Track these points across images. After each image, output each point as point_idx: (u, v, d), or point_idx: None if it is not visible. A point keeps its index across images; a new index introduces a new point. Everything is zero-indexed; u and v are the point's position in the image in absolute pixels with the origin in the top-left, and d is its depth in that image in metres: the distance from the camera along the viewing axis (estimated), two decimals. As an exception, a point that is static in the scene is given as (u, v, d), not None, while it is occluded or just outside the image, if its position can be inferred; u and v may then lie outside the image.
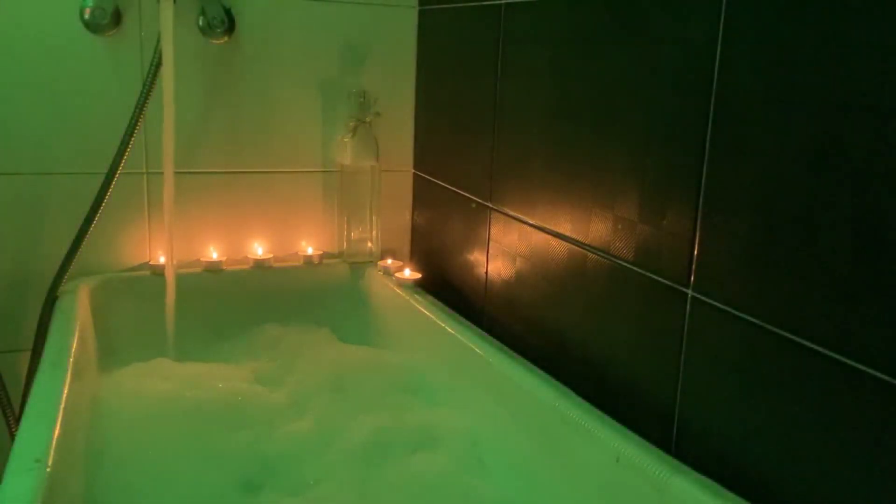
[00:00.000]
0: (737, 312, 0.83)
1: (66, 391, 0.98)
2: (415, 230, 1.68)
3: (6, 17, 1.32)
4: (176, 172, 1.36)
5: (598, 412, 0.98)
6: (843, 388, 0.72)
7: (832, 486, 0.74)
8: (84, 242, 1.37)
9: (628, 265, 1.00)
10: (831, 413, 0.74)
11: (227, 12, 1.43)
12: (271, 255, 1.54)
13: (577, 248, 1.10)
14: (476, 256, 1.41)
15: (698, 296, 0.89)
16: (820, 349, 0.74)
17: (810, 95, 0.75)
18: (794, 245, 0.77)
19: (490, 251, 1.36)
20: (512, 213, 1.28)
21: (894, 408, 0.68)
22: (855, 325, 0.71)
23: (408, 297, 1.43)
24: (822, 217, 0.74)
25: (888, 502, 0.69)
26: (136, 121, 1.36)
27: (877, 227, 0.69)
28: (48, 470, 0.80)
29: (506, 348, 1.18)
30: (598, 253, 1.06)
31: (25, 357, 1.39)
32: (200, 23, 1.42)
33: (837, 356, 0.73)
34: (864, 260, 0.70)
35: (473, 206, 1.40)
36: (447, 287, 1.50)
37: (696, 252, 0.89)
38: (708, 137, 0.86)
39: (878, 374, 0.69)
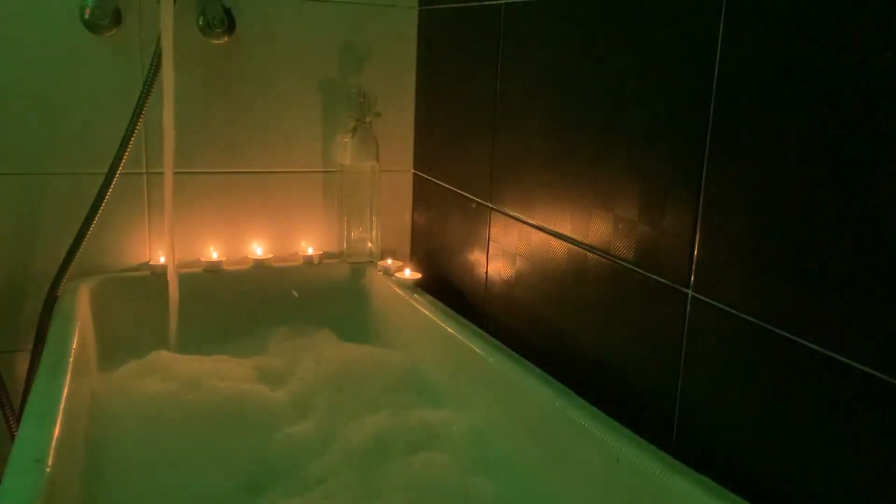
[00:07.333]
0: (737, 312, 0.83)
1: (66, 391, 0.98)
2: (415, 230, 1.68)
3: (6, 17, 1.32)
4: (176, 172, 1.36)
5: (598, 412, 0.98)
6: (842, 388, 0.72)
7: (832, 485, 0.74)
8: (84, 242, 1.37)
9: (628, 265, 1.00)
10: (831, 413, 0.74)
11: (227, 12, 1.43)
12: (271, 255, 1.54)
13: (577, 248, 1.10)
14: (476, 256, 1.41)
15: (698, 296, 0.89)
16: (820, 349, 0.74)
17: (810, 95, 0.75)
18: (794, 245, 0.77)
19: (490, 251, 1.36)
20: (512, 213, 1.28)
21: (893, 407, 0.68)
22: (854, 325, 0.71)
23: (408, 297, 1.43)
24: (821, 217, 0.74)
25: (888, 501, 0.69)
26: (136, 121, 1.36)
27: (876, 226, 0.69)
28: (48, 470, 0.80)
29: (506, 348, 1.18)
30: (598, 253, 1.06)
31: (25, 357, 1.39)
32: (200, 23, 1.42)
33: (837, 356, 0.73)
34: (864, 260, 0.70)
35: (473, 206, 1.40)
36: (447, 287, 1.50)
37: (696, 252, 0.89)
38: (708, 137, 0.86)
39: (878, 374, 0.69)
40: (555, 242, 1.16)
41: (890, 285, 0.68)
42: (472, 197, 1.41)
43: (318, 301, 1.55)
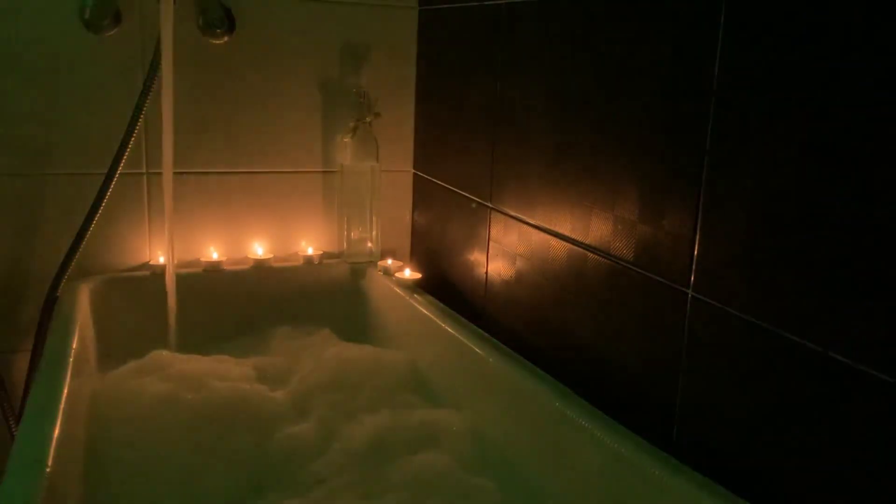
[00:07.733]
0: (737, 312, 0.83)
1: (65, 391, 0.98)
2: (415, 230, 1.68)
3: (6, 18, 1.32)
4: (176, 172, 1.36)
5: (598, 412, 0.98)
6: (842, 388, 0.72)
7: (832, 484, 0.74)
8: (84, 242, 1.37)
9: (628, 265, 1.00)
10: (831, 412, 0.74)
11: (227, 12, 1.43)
12: (271, 255, 1.54)
13: (577, 248, 1.10)
14: (476, 256, 1.41)
15: (698, 296, 0.89)
16: (819, 349, 0.74)
17: (811, 95, 0.75)
18: (794, 245, 0.77)
19: (490, 251, 1.36)
20: (512, 213, 1.28)
21: (893, 406, 0.68)
22: (854, 325, 0.71)
23: (408, 297, 1.43)
24: (821, 217, 0.74)
25: (887, 501, 0.69)
26: (136, 121, 1.36)
27: (876, 226, 0.69)
28: (48, 470, 0.80)
29: (506, 348, 1.18)
30: (598, 253, 1.06)
31: (25, 357, 1.39)
32: (200, 23, 1.42)
33: (837, 356, 0.73)
34: (864, 260, 0.70)
35: (473, 206, 1.40)
36: (447, 287, 1.50)
37: (696, 252, 0.89)
38: (708, 137, 0.86)
39: (877, 374, 0.69)
40: (555, 242, 1.16)
41: (890, 285, 0.68)
42: (472, 197, 1.41)
43: (318, 301, 1.55)
